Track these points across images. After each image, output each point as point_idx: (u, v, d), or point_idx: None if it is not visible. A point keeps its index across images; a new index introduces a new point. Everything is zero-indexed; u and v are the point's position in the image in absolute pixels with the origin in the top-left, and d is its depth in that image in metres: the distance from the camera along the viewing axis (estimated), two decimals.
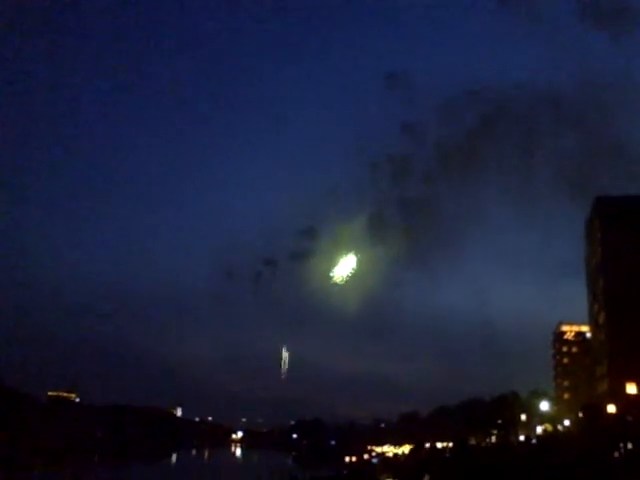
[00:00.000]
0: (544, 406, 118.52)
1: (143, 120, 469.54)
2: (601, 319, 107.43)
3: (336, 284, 74.71)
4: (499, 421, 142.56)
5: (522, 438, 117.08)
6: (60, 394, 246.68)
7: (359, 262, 76.48)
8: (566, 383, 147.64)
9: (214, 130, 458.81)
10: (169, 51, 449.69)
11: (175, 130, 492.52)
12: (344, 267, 72.77)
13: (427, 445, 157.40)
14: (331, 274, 74.32)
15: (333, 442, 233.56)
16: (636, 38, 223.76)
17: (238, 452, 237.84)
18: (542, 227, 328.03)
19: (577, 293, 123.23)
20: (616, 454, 69.49)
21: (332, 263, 77.35)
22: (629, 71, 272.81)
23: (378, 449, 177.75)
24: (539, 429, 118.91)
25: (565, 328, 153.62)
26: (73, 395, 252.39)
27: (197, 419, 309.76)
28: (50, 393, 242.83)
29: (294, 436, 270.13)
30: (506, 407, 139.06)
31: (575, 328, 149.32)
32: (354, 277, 77.77)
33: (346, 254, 73.07)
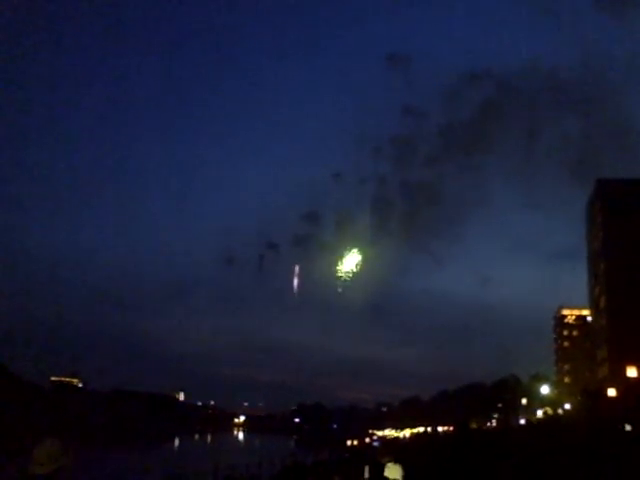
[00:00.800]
0: (544, 390, 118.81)
1: (142, 110, 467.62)
2: (602, 303, 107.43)
3: (342, 279, 74.45)
4: (500, 405, 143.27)
5: (522, 422, 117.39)
6: (63, 379, 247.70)
7: (362, 249, 76.08)
8: (567, 367, 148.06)
9: (214, 115, 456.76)
10: (169, 45, 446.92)
11: (174, 115, 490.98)
12: (349, 262, 72.42)
13: (428, 429, 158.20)
14: (336, 270, 74.09)
15: (335, 426, 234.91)
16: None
17: (240, 436, 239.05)
18: (545, 210, 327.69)
19: (578, 276, 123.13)
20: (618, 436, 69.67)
21: (334, 248, 77.04)
22: (634, 53, 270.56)
23: (379, 433, 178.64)
24: (539, 413, 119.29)
25: (566, 312, 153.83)
26: (76, 380, 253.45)
27: (200, 403, 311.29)
28: (53, 378, 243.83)
29: (296, 420, 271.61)
30: (507, 391, 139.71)
31: (576, 312, 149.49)
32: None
33: (350, 249, 72.68)
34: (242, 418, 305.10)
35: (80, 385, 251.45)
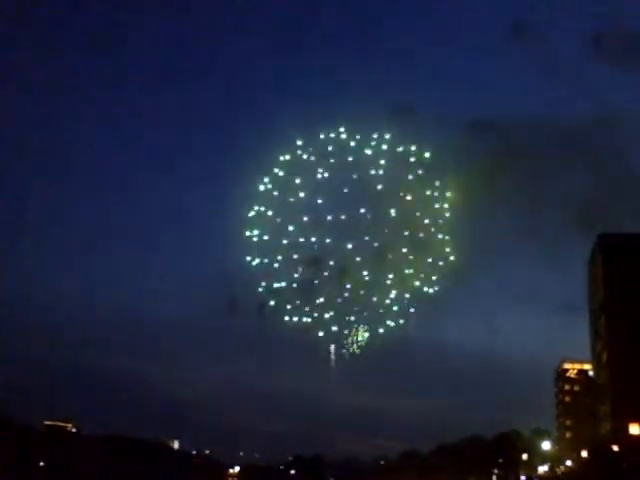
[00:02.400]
0: (546, 445, 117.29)
1: (144, 149, 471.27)
2: (604, 358, 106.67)
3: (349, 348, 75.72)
4: (500, 460, 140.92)
5: (523, 478, 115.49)
6: (57, 424, 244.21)
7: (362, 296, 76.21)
8: (568, 422, 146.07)
9: (213, 156, 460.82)
10: (174, 43, 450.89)
11: (175, 156, 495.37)
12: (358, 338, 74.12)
13: None
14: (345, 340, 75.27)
15: (332, 479, 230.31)
16: None
17: None
18: (550, 262, 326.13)
19: (581, 330, 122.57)
20: None
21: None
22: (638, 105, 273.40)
23: None
24: (541, 469, 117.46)
25: (567, 366, 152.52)
26: (70, 425, 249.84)
27: (194, 452, 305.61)
28: (47, 422, 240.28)
29: (292, 472, 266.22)
30: (507, 446, 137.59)
31: (577, 366, 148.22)
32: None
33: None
34: (237, 469, 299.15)
35: (74, 430, 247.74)
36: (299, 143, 73.63)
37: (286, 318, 74.74)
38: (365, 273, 75.65)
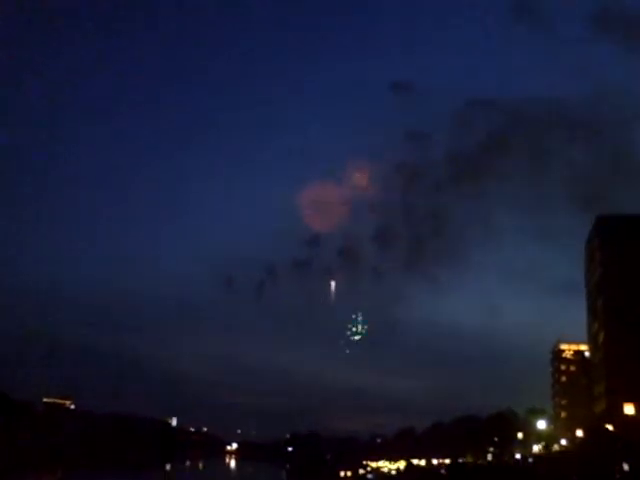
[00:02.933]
0: (541, 425, 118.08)
1: (145, 133, 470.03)
2: (600, 338, 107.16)
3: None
4: (495, 439, 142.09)
5: (518, 456, 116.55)
6: (56, 401, 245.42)
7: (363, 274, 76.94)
8: (564, 402, 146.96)
9: (217, 140, 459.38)
10: (175, 49, 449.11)
11: (177, 142, 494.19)
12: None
13: (422, 462, 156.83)
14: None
15: (328, 456, 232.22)
16: None
17: (232, 464, 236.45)
18: (548, 242, 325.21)
19: (578, 311, 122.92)
20: (617, 475, 69.18)
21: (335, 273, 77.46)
22: (638, 84, 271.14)
23: (374, 464, 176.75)
24: (535, 448, 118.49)
25: (564, 346, 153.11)
26: (68, 402, 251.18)
27: (192, 429, 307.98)
28: (45, 399, 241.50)
29: (289, 449, 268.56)
30: (503, 425, 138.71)
31: (574, 347, 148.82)
32: (357, 289, 78.15)
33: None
34: (234, 445, 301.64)
35: (72, 407, 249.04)
36: None
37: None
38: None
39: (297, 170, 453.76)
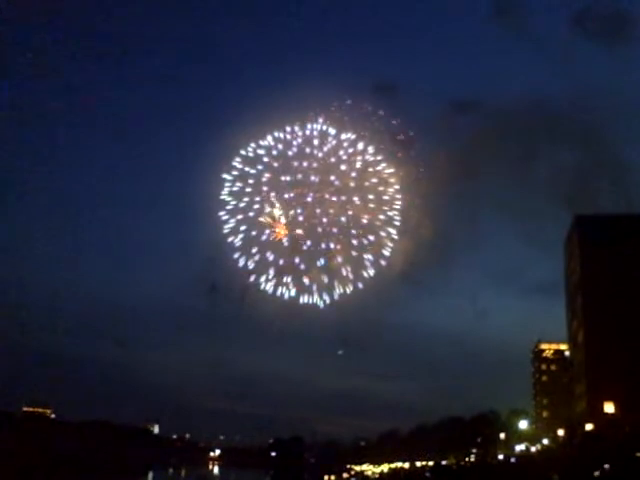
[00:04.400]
0: (523, 425, 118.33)
1: (134, 136, 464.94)
2: (580, 337, 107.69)
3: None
4: (478, 440, 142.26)
5: (501, 457, 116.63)
6: (35, 410, 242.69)
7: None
8: (545, 401, 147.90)
9: (197, 140, 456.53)
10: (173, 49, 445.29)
11: (161, 141, 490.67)
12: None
13: (406, 465, 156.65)
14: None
15: (312, 460, 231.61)
16: (632, 48, 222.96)
17: (216, 470, 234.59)
18: (528, 242, 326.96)
19: (558, 310, 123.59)
20: (596, 473, 69.22)
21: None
22: (625, 83, 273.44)
23: (357, 468, 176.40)
24: (518, 448, 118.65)
25: (544, 346, 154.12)
26: (48, 411, 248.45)
27: (175, 436, 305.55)
28: (25, 409, 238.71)
29: (273, 454, 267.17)
30: (486, 426, 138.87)
31: (554, 346, 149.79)
32: (338, 292, 78.16)
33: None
34: (217, 452, 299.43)
35: (53, 416, 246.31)
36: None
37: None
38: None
39: None
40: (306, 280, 76.87)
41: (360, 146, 76.79)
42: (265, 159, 77.53)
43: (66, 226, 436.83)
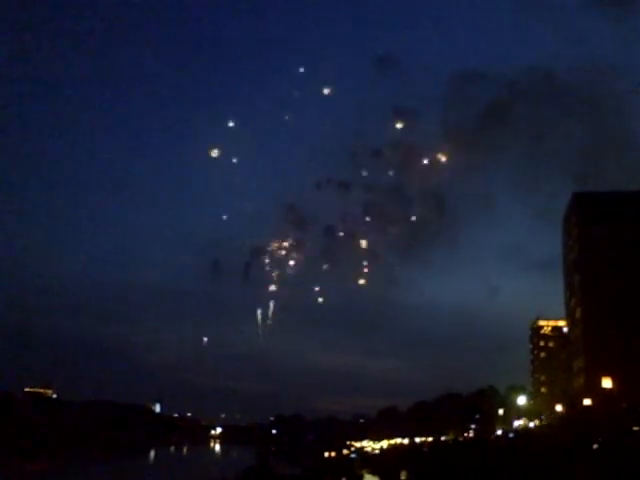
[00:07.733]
0: (521, 400, 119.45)
1: (133, 123, 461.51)
2: (577, 314, 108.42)
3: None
4: (477, 416, 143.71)
5: (499, 432, 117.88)
6: (37, 390, 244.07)
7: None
8: (543, 378, 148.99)
9: (201, 126, 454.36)
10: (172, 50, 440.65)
11: (162, 128, 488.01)
12: None
13: (406, 441, 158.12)
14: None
15: (312, 437, 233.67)
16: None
17: (217, 448, 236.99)
18: (535, 220, 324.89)
19: (557, 287, 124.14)
20: (595, 446, 70.11)
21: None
22: (633, 56, 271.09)
23: (357, 444, 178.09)
24: (516, 423, 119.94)
25: (542, 323, 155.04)
26: (50, 391, 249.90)
27: (176, 415, 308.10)
28: (27, 389, 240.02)
29: (273, 432, 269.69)
30: (484, 402, 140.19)
31: (552, 323, 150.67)
32: (338, 271, 78.64)
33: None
34: (219, 430, 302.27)
35: (54, 396, 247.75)
36: None
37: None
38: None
39: (280, 152, 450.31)
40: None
41: None
42: None
43: (67, 209, 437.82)
